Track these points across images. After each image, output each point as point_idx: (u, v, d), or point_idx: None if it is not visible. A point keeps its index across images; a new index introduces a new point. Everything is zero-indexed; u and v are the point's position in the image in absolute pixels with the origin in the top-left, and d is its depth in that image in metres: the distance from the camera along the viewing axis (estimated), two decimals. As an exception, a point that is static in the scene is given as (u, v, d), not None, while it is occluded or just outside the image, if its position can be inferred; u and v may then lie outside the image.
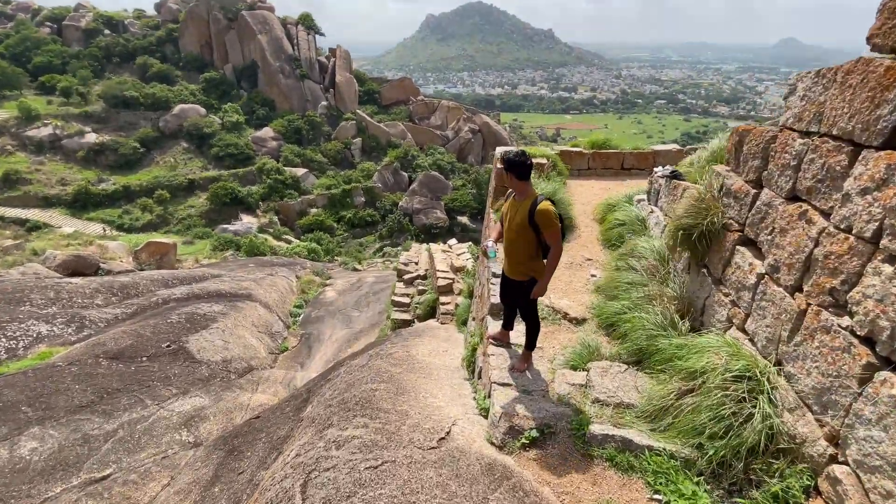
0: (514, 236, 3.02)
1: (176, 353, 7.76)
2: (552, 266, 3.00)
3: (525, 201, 2.97)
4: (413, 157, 50.18)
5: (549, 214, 2.90)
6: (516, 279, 3.13)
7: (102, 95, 50.81)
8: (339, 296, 14.57)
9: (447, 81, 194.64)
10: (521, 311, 3.27)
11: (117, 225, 42.36)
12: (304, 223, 43.87)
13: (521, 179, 2.98)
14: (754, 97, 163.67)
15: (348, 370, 4.50)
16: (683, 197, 3.87)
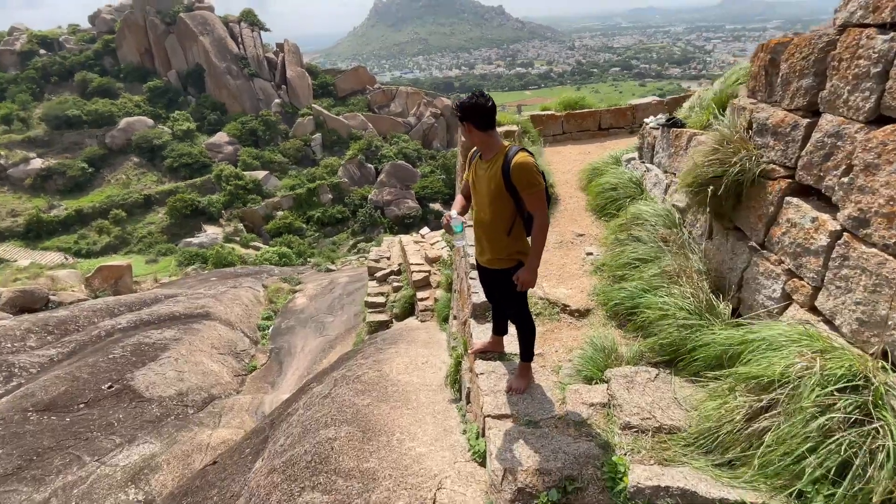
0: (487, 209, 2.29)
1: (119, 394, 6.74)
2: (540, 242, 2.24)
3: (494, 159, 2.25)
4: (377, 148, 48.74)
5: (530, 168, 2.16)
6: (496, 268, 2.38)
7: (44, 118, 47.77)
8: (311, 301, 13.57)
9: (403, 67, 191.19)
10: (509, 311, 2.52)
11: (74, 251, 40.20)
12: (272, 228, 42.29)
13: (484, 129, 2.23)
14: (704, 56, 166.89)
15: (308, 403, 3.65)
16: (695, 144, 3.12)
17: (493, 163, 2.23)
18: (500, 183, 2.20)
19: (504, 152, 2.21)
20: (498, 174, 2.20)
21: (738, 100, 2.87)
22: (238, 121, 51.88)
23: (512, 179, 2.16)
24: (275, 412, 5.66)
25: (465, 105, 2.20)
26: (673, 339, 2.42)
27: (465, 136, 2.32)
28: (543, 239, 2.23)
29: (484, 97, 2.20)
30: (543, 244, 2.25)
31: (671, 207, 3.38)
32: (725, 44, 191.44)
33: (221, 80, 54.23)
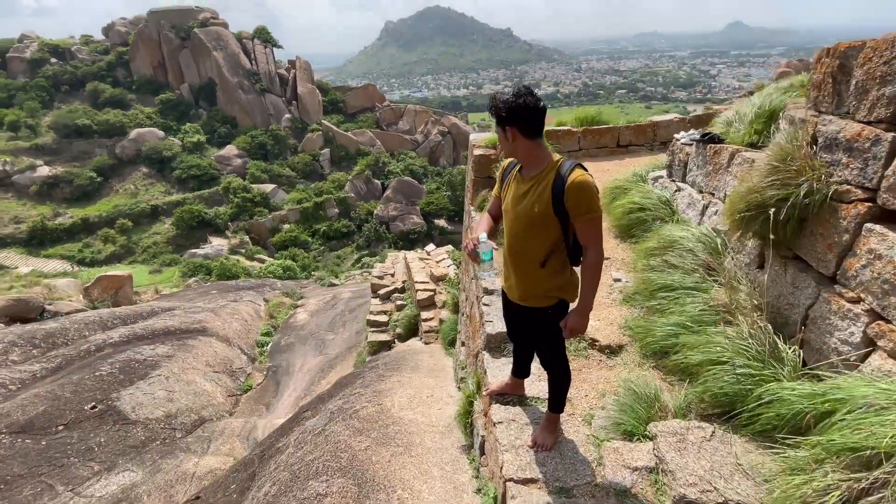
0: (523, 235, 1.89)
1: (103, 416, 6.35)
2: (595, 280, 1.86)
3: (542, 175, 1.84)
4: (384, 164, 48.92)
5: (590, 190, 1.78)
6: (532, 305, 1.98)
7: (53, 126, 48.31)
8: (312, 317, 13.19)
9: (412, 86, 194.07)
10: (542, 356, 2.12)
11: (78, 259, 40.28)
12: (277, 240, 42.24)
13: (532, 137, 1.82)
14: (709, 81, 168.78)
15: (300, 440, 3.26)
16: (740, 162, 2.78)
17: (539, 180, 1.83)
18: (547, 205, 1.80)
19: (555, 168, 1.81)
20: (546, 194, 1.80)
21: (791, 112, 2.54)
22: (248, 134, 52.42)
23: (565, 202, 1.77)
24: (266, 442, 5.25)
25: (512, 105, 1.76)
26: (730, 390, 2.03)
27: (505, 144, 1.87)
28: (598, 277, 1.86)
29: (533, 96, 1.78)
30: (598, 283, 1.88)
31: (710, 231, 3.02)
32: (730, 69, 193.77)
33: (233, 95, 54.95)
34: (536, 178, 1.85)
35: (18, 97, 50.58)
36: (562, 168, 1.82)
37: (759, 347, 2.07)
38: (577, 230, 1.84)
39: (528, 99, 1.77)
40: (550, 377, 2.07)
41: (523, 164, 1.92)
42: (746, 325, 2.16)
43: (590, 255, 1.85)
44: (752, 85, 10.89)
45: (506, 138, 1.85)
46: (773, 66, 14.96)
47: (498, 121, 1.84)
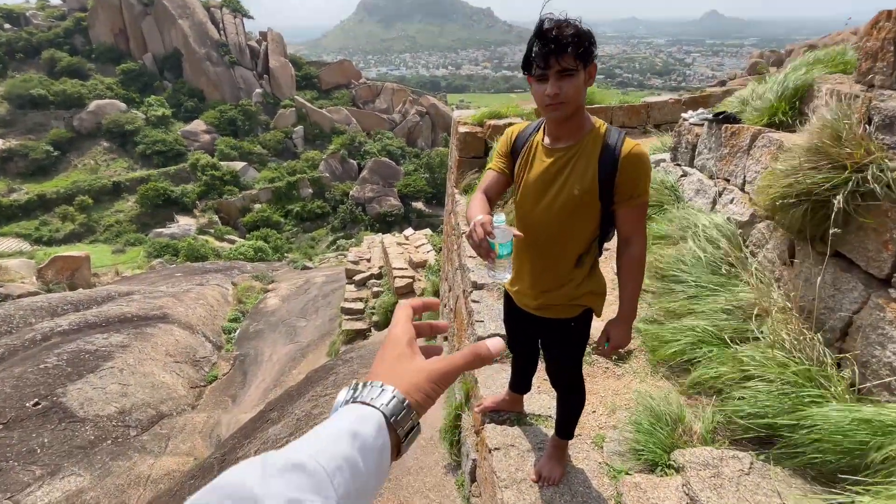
0: (560, 225, 1.46)
1: (47, 413, 5.76)
2: (640, 279, 1.51)
3: (582, 145, 1.41)
4: (360, 144, 47.63)
5: (648, 165, 1.42)
6: (556, 316, 1.59)
7: (6, 96, 45.01)
8: (283, 303, 12.62)
9: (389, 64, 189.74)
10: (557, 374, 1.74)
11: (35, 238, 38.03)
12: (248, 221, 40.87)
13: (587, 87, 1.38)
14: (684, 69, 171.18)
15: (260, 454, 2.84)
16: (766, 144, 2.45)
17: (577, 153, 1.40)
18: (592, 185, 1.38)
19: (600, 136, 1.40)
20: (591, 171, 1.38)
21: (827, 87, 2.21)
22: (216, 109, 50.11)
23: (618, 180, 1.38)
24: (228, 444, 4.82)
25: (590, 33, 1.30)
26: (768, 411, 1.72)
27: (543, 93, 1.31)
28: (643, 276, 1.51)
29: (581, 28, 1.31)
30: (642, 284, 1.52)
31: (724, 221, 2.70)
32: (705, 58, 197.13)
33: (200, 67, 52.22)
34: (574, 151, 1.41)
35: (-32, 65, 46.95)
36: (609, 136, 1.40)
37: (803, 361, 1.76)
38: (620, 217, 1.44)
39: (570, 29, 1.29)
40: (562, 398, 1.71)
41: (558, 130, 1.43)
42: (787, 333, 1.85)
43: (634, 248, 1.47)
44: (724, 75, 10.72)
45: (576, 85, 1.30)
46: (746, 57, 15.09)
47: (579, 53, 1.28)
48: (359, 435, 0.41)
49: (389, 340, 0.52)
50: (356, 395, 0.46)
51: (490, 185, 1.58)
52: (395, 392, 0.45)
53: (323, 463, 0.37)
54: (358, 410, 0.43)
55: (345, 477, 0.37)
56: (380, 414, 0.43)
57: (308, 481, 0.35)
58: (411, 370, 0.47)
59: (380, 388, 0.45)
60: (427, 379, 0.47)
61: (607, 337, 1.57)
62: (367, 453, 0.40)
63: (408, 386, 0.46)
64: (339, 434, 0.40)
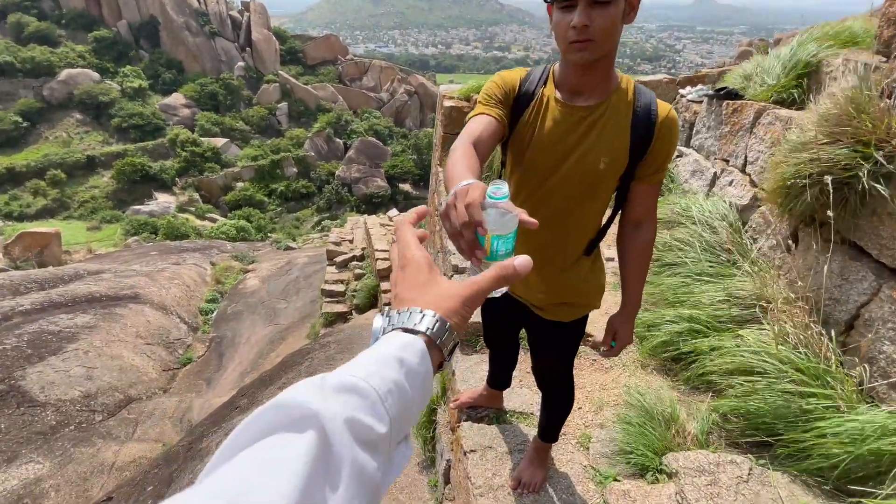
0: (575, 202, 1.20)
1: (5, 397, 5.45)
2: (647, 267, 1.31)
3: (610, 103, 1.13)
4: (347, 123, 46.62)
5: (678, 133, 1.24)
6: (551, 318, 1.35)
7: (-30, 63, 42.68)
8: (263, 284, 12.28)
9: (378, 40, 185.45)
10: (547, 376, 1.53)
11: (4, 213, 36.70)
12: (231, 199, 39.95)
13: None
14: (674, 55, 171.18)
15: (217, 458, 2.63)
16: (771, 121, 2.26)
17: (606, 111, 1.11)
18: (622, 155, 1.11)
19: (630, 92, 1.13)
20: (623, 138, 1.11)
21: (855, 54, 2.02)
22: (196, 82, 48.44)
23: (651, 150, 1.12)
24: (196, 431, 4.60)
25: None
26: (769, 411, 1.56)
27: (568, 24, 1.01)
28: (649, 264, 1.32)
29: None
30: (647, 273, 1.33)
31: (723, 204, 2.53)
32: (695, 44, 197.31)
33: (179, 36, 50.21)
34: (600, 111, 1.11)
35: (-70, 30, 44.37)
36: (640, 95, 1.13)
37: (808, 357, 1.60)
38: (638, 194, 1.20)
39: None
40: (549, 401, 1.53)
41: (580, 80, 1.10)
42: (791, 326, 1.69)
43: (647, 231, 1.25)
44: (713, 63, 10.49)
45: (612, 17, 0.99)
46: (736, 45, 14.92)
47: None
48: (405, 361, 0.42)
49: (411, 264, 0.51)
50: (392, 321, 0.47)
51: (482, 133, 1.06)
52: (437, 315, 0.46)
53: (375, 385, 0.38)
54: (401, 338, 0.45)
55: (394, 399, 0.39)
56: (421, 341, 0.45)
57: (362, 402, 0.37)
58: (445, 295, 0.48)
59: (419, 313, 0.46)
60: (462, 304, 0.47)
61: (614, 335, 1.36)
62: (413, 378, 0.42)
63: (446, 311, 0.47)
64: (387, 359, 0.42)
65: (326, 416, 0.33)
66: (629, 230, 1.27)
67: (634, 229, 1.26)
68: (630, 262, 1.29)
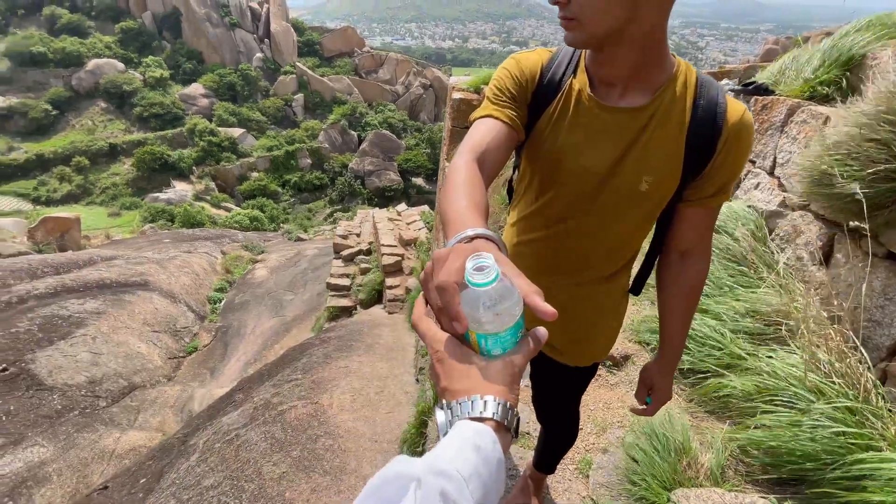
0: (610, 226, 0.93)
1: (14, 380, 5.48)
2: (694, 310, 1.05)
3: (663, 103, 0.82)
4: (361, 115, 46.60)
5: (750, 143, 0.87)
6: (568, 363, 1.13)
7: (7, 53, 43.98)
8: (271, 274, 12.28)
9: (394, 33, 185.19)
10: (547, 412, 1.34)
11: (33, 198, 37.73)
12: (245, 189, 40.39)
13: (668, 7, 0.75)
14: (696, 53, 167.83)
15: (207, 448, 2.56)
16: (806, 119, 2.06)
17: (655, 116, 0.83)
18: (673, 173, 0.85)
19: (689, 86, 0.84)
20: (675, 151, 0.84)
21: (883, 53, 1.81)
22: (215, 72, 48.92)
23: (715, 164, 0.84)
24: (193, 423, 4.55)
25: None
26: (798, 448, 1.38)
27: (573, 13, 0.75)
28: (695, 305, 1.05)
29: None
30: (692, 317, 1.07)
31: (746, 209, 2.32)
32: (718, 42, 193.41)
33: (200, 28, 50.70)
34: (646, 116, 0.83)
35: (-30, 20, 45.76)
36: (705, 89, 0.84)
37: (844, 388, 1.41)
38: (689, 219, 0.93)
39: None
40: (554, 433, 1.35)
41: (610, 71, 0.84)
42: (824, 350, 1.50)
43: (699, 264, 0.98)
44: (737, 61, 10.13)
45: None
46: (761, 43, 14.36)
47: None
48: (481, 448, 0.44)
49: (446, 357, 0.50)
50: (455, 412, 0.48)
51: (488, 144, 0.82)
52: (498, 399, 0.48)
53: (460, 469, 0.41)
54: (472, 426, 0.46)
55: (476, 484, 0.41)
56: (490, 429, 0.46)
57: (451, 485, 0.39)
58: (495, 377, 0.49)
59: (481, 400, 0.48)
60: (511, 381, 0.49)
61: (649, 389, 1.11)
62: (489, 464, 0.44)
63: (501, 392, 0.48)
64: (465, 447, 0.44)
65: (426, 483, 0.38)
66: (674, 260, 1.00)
67: (680, 260, 0.99)
68: (671, 300, 1.02)
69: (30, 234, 16.89)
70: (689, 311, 1.02)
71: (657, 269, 1.05)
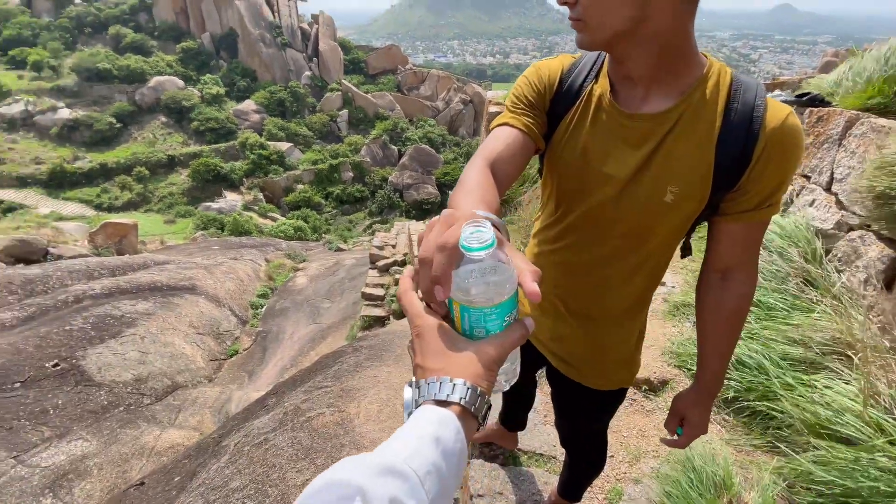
0: (632, 241, 0.88)
1: (65, 375, 5.85)
2: (737, 336, 0.95)
3: (690, 107, 0.77)
4: (402, 130, 47.68)
5: (802, 148, 0.78)
6: (581, 382, 1.07)
7: (75, 68, 48.22)
8: (311, 282, 12.62)
9: (437, 51, 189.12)
10: (572, 438, 1.28)
11: (95, 205, 40.74)
12: (291, 200, 42.04)
13: None
14: (749, 66, 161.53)
15: (237, 451, 2.61)
16: (865, 132, 1.91)
17: (680, 121, 0.77)
18: (702, 183, 0.78)
19: (723, 87, 0.77)
20: (704, 159, 0.77)
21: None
22: (267, 90, 51.58)
23: (753, 174, 0.77)
24: (228, 424, 4.69)
25: None
26: (853, 489, 1.25)
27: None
28: (740, 331, 0.95)
29: None
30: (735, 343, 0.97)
31: (803, 228, 2.17)
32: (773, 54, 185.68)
33: (254, 47, 53.71)
34: (670, 121, 0.78)
35: (42, 37, 50.56)
36: (740, 91, 0.77)
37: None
38: (731, 235, 0.85)
39: None
40: (575, 460, 1.29)
41: (630, 73, 0.79)
42: (884, 383, 1.36)
43: (742, 286, 0.90)
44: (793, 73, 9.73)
45: None
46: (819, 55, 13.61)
47: None
48: (441, 440, 0.43)
49: (425, 332, 0.49)
50: (422, 392, 0.47)
51: (502, 152, 0.81)
52: (467, 384, 0.46)
53: (415, 468, 0.40)
54: (436, 413, 0.44)
55: (433, 481, 0.40)
56: (454, 416, 0.45)
57: (404, 485, 0.38)
58: (470, 359, 0.47)
59: (450, 382, 0.46)
60: (487, 367, 0.47)
61: (680, 420, 1.02)
62: (449, 457, 0.43)
63: (474, 376, 0.46)
64: (424, 438, 0.42)
65: (372, 493, 0.35)
66: (714, 281, 0.91)
67: (721, 281, 0.90)
68: (711, 324, 0.93)
69: (91, 237, 18.21)
70: (730, 338, 0.93)
71: (697, 290, 0.97)
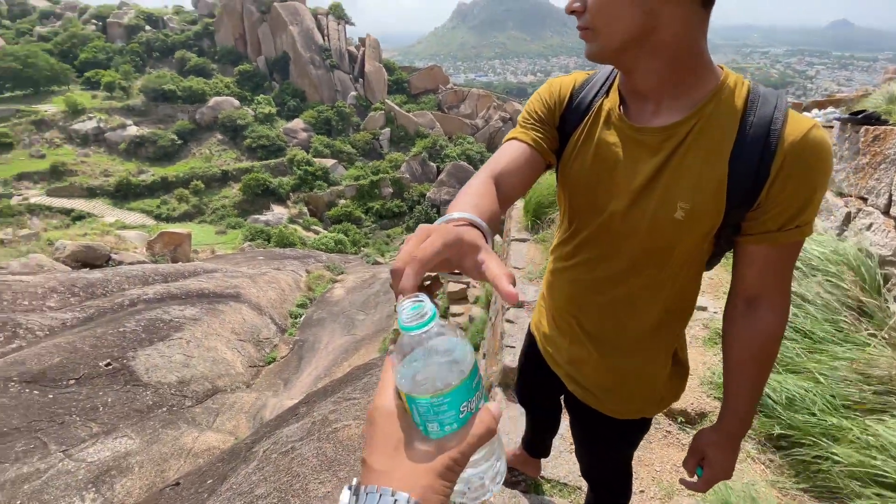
0: (642, 264, 0.84)
1: (115, 374, 6.20)
2: (768, 370, 0.85)
3: (702, 120, 0.74)
4: (441, 148, 48.45)
5: (830, 164, 0.72)
6: (621, 416, 0.99)
7: (143, 89, 52.47)
8: (347, 294, 12.87)
9: (478, 70, 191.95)
10: (593, 469, 1.20)
11: (156, 215, 43.57)
12: (333, 214, 43.47)
13: (708, 6, 0.69)
14: (805, 82, 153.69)
15: (265, 458, 2.66)
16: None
17: (691, 134, 0.74)
18: (715, 198, 0.74)
19: (739, 100, 0.73)
20: (716, 172, 0.73)
21: None
22: (315, 109, 54.01)
23: (772, 192, 0.72)
24: (261, 431, 4.80)
25: None
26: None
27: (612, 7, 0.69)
28: (772, 364, 0.87)
29: None
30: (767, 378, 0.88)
31: (859, 253, 2.01)
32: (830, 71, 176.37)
33: (304, 69, 56.49)
34: (681, 134, 0.75)
35: (115, 60, 55.45)
36: (758, 103, 0.73)
37: None
38: (755, 258, 0.79)
39: None
40: (596, 493, 1.22)
41: (638, 85, 0.78)
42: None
43: (768, 313, 0.81)
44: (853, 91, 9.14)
45: None
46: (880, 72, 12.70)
47: None
48: None
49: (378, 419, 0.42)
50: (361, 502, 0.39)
51: (507, 165, 0.82)
52: (412, 501, 0.38)
53: None
54: None
55: None
56: None
57: None
58: (419, 468, 0.40)
59: (391, 497, 0.38)
60: (441, 475, 0.39)
61: (700, 460, 0.94)
62: None
63: (422, 490, 0.39)
64: None
65: None
66: (739, 309, 0.84)
67: (747, 309, 0.83)
68: (737, 358, 0.86)
69: (149, 245, 19.46)
70: (758, 374, 0.85)
71: (723, 318, 0.90)
